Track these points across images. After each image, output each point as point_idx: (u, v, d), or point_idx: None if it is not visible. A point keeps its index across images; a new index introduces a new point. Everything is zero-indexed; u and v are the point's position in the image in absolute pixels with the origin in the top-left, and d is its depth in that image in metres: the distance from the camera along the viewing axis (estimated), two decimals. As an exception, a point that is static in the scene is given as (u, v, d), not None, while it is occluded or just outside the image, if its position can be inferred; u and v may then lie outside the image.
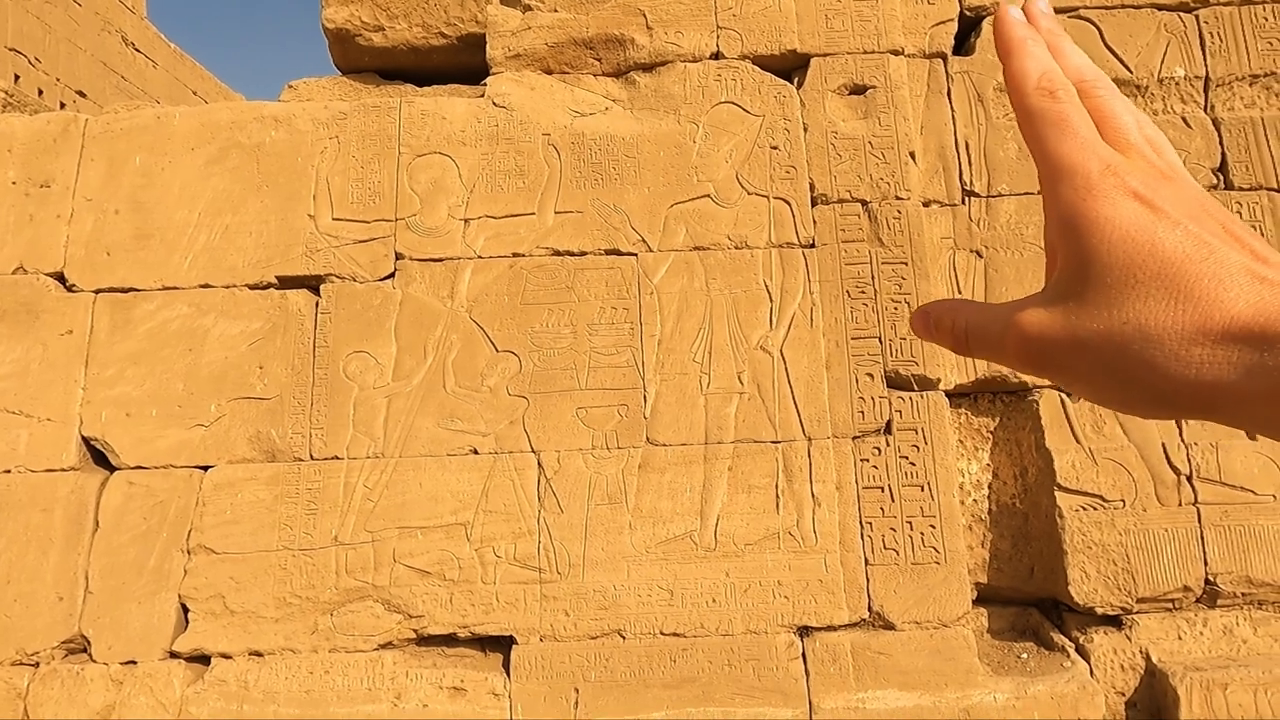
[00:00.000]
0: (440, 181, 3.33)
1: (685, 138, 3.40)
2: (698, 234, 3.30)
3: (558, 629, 2.94)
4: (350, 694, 2.87)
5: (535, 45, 3.59)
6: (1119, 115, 0.46)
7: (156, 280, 3.20)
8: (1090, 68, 0.49)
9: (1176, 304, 0.38)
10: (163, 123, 3.36)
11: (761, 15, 3.54)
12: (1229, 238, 0.39)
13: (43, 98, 11.28)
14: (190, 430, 3.09)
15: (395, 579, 2.97)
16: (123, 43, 14.24)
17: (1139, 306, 0.39)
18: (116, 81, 13.99)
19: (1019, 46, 0.48)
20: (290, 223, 3.27)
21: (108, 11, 13.73)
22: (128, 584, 2.96)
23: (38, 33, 11.52)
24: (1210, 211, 0.41)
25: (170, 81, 15.33)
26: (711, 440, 3.10)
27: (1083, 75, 0.48)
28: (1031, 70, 0.47)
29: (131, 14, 14.67)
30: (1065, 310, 0.42)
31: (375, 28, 4.41)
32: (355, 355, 3.15)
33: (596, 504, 3.02)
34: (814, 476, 3.07)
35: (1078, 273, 0.42)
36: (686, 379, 3.16)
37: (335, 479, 3.05)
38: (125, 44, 14.25)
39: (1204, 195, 0.42)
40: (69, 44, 12.77)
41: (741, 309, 3.23)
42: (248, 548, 2.99)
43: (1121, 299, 0.39)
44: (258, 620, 2.94)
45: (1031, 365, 0.45)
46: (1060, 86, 0.46)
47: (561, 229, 3.29)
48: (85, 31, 13.22)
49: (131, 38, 14.44)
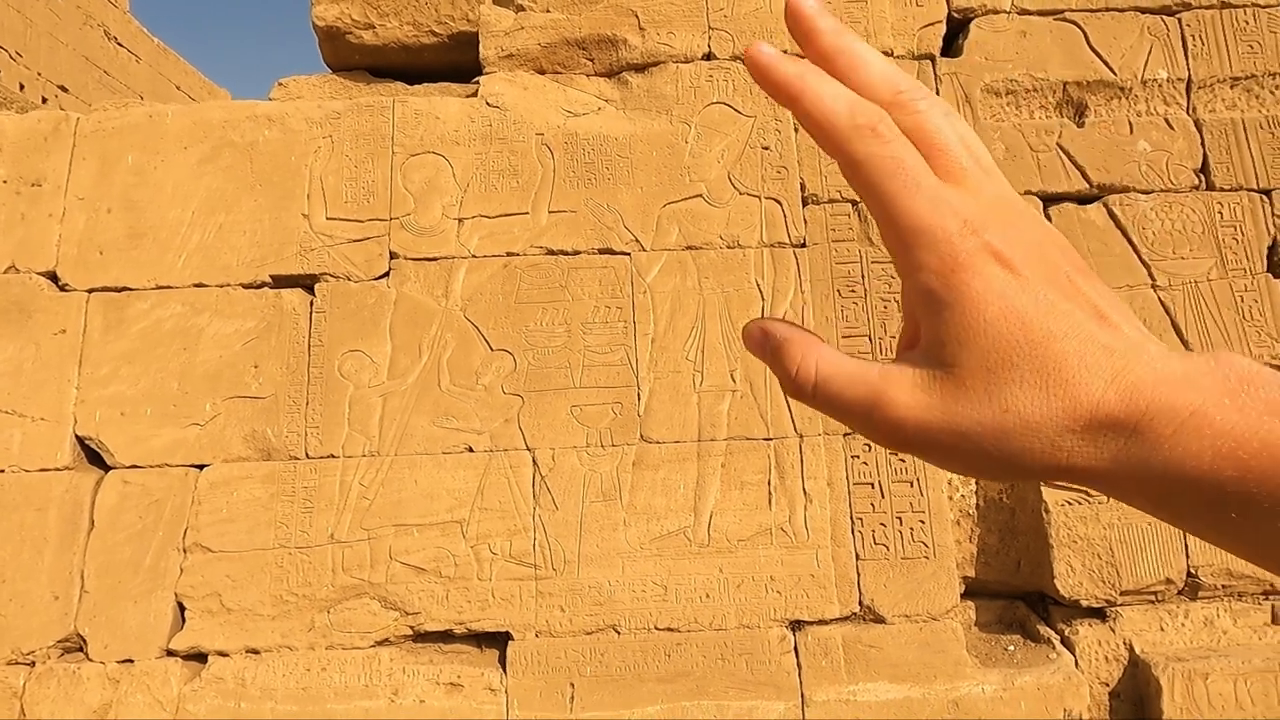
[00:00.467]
0: (434, 181, 3.34)
1: (678, 138, 3.43)
2: (690, 233, 3.33)
3: (553, 625, 2.98)
4: (347, 690, 2.89)
5: (528, 45, 3.60)
6: (941, 133, 0.42)
7: (150, 279, 3.20)
8: (895, 72, 0.44)
9: (1049, 392, 0.38)
10: (155, 121, 3.36)
11: (753, 16, 3.57)
12: (1076, 294, 0.40)
13: (24, 92, 11.16)
14: (185, 429, 3.09)
15: (391, 576, 3.00)
16: (105, 37, 14.07)
17: (1017, 394, 0.39)
18: (99, 76, 13.82)
19: (800, 85, 0.42)
20: (284, 222, 3.28)
21: (90, 6, 13.56)
22: (124, 583, 2.97)
23: (19, 26, 11.38)
24: (1052, 257, 0.41)
25: (154, 76, 15.17)
26: (705, 437, 3.14)
27: (893, 85, 0.43)
28: (838, 110, 0.42)
29: (114, 8, 14.49)
30: (943, 396, 0.40)
31: (366, 25, 4.40)
32: (350, 354, 3.16)
33: (591, 501, 3.06)
34: (805, 473, 3.12)
35: (951, 353, 0.40)
36: (680, 377, 3.19)
37: (331, 477, 3.06)
38: (108, 38, 14.08)
39: (1040, 226, 0.42)
40: (50, 38, 12.61)
41: (734, 307, 3.26)
42: (244, 546, 3.00)
43: (1001, 386, 0.39)
44: (254, 618, 2.96)
45: (903, 449, 0.42)
46: (879, 120, 0.41)
47: (555, 228, 3.31)
48: (67, 26, 13.05)
49: (114, 32, 14.27)
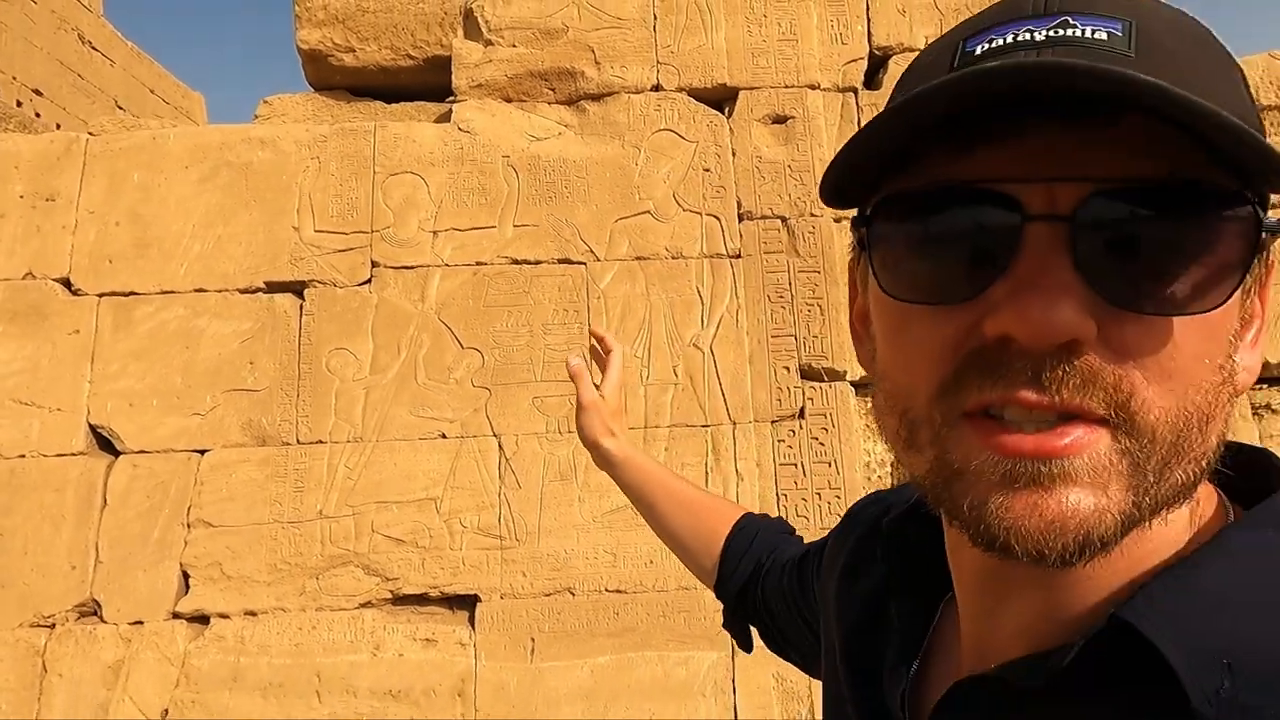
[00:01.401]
0: (411, 198, 3.76)
1: (629, 160, 3.87)
2: (639, 245, 3.78)
3: (516, 588, 3.40)
4: (335, 646, 3.30)
5: (496, 76, 4.03)
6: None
7: (156, 285, 3.58)
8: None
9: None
10: (158, 143, 3.74)
11: (696, 53, 4.03)
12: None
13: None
14: (188, 418, 3.48)
15: (374, 547, 3.40)
16: (79, 41, 14.18)
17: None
18: (73, 80, 13.93)
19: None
20: (276, 234, 3.67)
21: (64, 9, 13.67)
22: (134, 554, 3.35)
23: (-6, 32, 11.53)
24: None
25: (128, 80, 15.30)
26: (650, 425, 3.59)
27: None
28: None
29: (88, 12, 14.60)
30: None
31: (346, 49, 4.80)
32: (336, 352, 3.57)
33: (550, 480, 3.48)
34: (738, 455, 3.58)
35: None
36: (629, 371, 3.63)
37: (319, 460, 3.47)
38: (82, 42, 14.20)
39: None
40: (25, 42, 12.74)
41: (677, 311, 3.72)
42: (242, 521, 3.39)
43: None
44: (252, 584, 3.35)
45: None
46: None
47: (519, 240, 3.74)
48: (41, 29, 13.17)
49: (88, 36, 14.38)
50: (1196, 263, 0.41)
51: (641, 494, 1.18)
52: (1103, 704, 0.45)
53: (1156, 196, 0.41)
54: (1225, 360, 0.44)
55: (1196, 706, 0.41)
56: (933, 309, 0.45)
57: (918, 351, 0.46)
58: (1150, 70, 0.39)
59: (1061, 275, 0.41)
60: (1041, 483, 0.41)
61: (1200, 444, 0.43)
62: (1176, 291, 0.41)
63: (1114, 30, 0.43)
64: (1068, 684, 0.45)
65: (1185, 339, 0.42)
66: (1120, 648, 0.44)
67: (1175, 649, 0.42)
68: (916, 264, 0.46)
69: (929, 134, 0.44)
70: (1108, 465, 0.42)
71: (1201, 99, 0.38)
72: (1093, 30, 0.43)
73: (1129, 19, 0.43)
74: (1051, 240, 0.42)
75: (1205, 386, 0.43)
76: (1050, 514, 0.41)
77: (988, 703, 0.49)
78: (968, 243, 0.43)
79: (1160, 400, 0.42)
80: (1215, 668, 0.41)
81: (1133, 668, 0.43)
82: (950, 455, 0.44)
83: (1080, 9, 0.44)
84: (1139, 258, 0.41)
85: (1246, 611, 0.43)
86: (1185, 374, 0.42)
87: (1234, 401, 0.45)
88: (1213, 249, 0.41)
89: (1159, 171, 0.41)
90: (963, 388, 0.44)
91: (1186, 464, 0.43)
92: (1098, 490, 0.42)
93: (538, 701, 3.28)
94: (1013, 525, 0.42)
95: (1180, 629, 0.43)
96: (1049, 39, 0.43)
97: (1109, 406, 0.42)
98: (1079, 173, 0.41)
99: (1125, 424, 0.42)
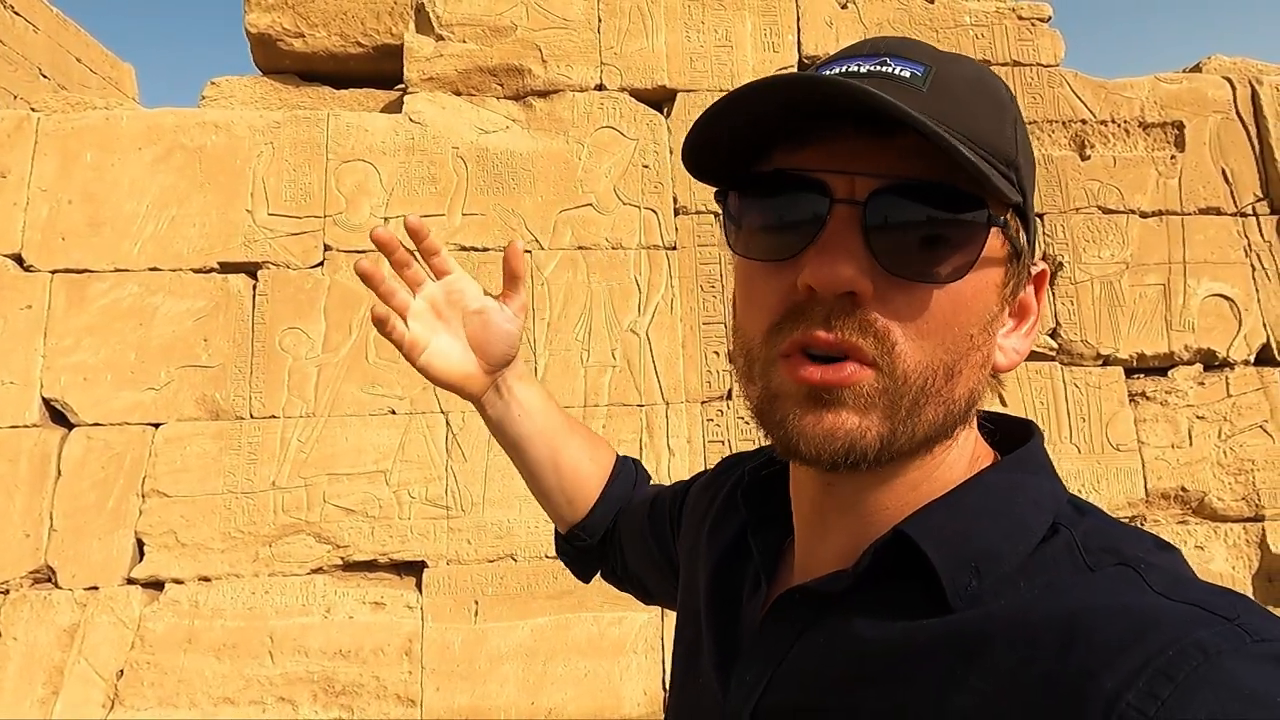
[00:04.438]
0: (363, 185, 3.93)
1: (572, 155, 4.11)
2: (581, 236, 4.02)
3: (461, 554, 3.64)
4: (287, 609, 3.48)
5: (446, 70, 4.21)
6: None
7: (109, 263, 3.68)
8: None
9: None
10: (111, 124, 3.82)
11: (638, 55, 4.28)
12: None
13: (-84, 60, 10.87)
14: (142, 393, 3.60)
15: (325, 516, 3.59)
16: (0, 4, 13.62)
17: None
18: (-6, 45, 13.38)
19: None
20: (230, 216, 3.80)
21: (-16, -29, 13.11)
22: (89, 523, 3.46)
23: (-89, -7, 11.04)
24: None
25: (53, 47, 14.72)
26: (589, 404, 3.85)
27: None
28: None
29: (10, -26, 14.01)
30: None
31: (296, 34, 4.89)
32: (289, 331, 3.73)
33: (494, 454, 3.72)
34: (670, 433, 3.87)
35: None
36: (570, 354, 3.89)
37: (273, 434, 3.63)
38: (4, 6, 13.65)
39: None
40: (-58, 4, 12.20)
41: (616, 298, 3.98)
42: (196, 491, 3.54)
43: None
44: (206, 551, 3.51)
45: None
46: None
47: (468, 228, 3.95)
48: (-41, -9, 12.60)
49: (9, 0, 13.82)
50: (942, 246, 0.53)
51: (519, 449, 1.08)
52: (888, 600, 0.56)
53: (920, 193, 0.53)
54: (979, 334, 0.56)
55: (951, 600, 0.52)
56: (765, 266, 0.58)
57: (757, 302, 0.58)
58: (934, 103, 0.52)
59: (851, 244, 0.53)
60: (825, 404, 0.54)
61: (946, 391, 0.55)
62: (926, 266, 0.53)
63: (917, 71, 0.55)
64: (865, 587, 0.57)
65: (938, 308, 0.54)
66: (902, 557, 0.55)
67: (937, 555, 0.53)
68: (759, 230, 0.58)
69: (777, 132, 0.56)
70: (871, 396, 0.54)
71: (949, 130, 0.50)
72: (902, 69, 0.55)
73: (932, 65, 0.55)
74: (849, 218, 0.53)
75: (952, 348, 0.55)
76: (826, 426, 0.54)
77: (806, 607, 0.60)
78: (793, 216, 0.56)
79: (914, 353, 0.54)
80: (966, 569, 0.53)
81: (910, 572, 0.55)
82: (771, 383, 0.57)
83: (899, 54, 0.56)
84: (905, 236, 0.53)
85: (990, 529, 0.55)
86: (936, 335, 0.54)
87: (986, 368, 0.58)
88: (953, 238, 0.53)
89: (925, 175, 0.52)
90: (782, 330, 0.56)
91: (935, 405, 0.55)
92: (861, 414, 0.54)
93: (481, 659, 3.52)
94: (801, 433, 0.55)
95: (941, 540, 0.54)
96: (870, 72, 0.55)
97: (877, 350, 0.53)
98: (873, 169, 0.53)
99: (887, 366, 0.54)
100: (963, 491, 0.57)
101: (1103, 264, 4.47)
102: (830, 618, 0.58)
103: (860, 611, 0.56)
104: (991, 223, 0.54)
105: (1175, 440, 4.33)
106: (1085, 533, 0.54)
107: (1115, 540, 0.53)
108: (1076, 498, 0.59)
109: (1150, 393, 4.43)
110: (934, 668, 0.50)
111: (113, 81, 15.64)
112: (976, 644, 0.49)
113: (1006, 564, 0.53)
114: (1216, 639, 0.42)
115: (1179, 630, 0.43)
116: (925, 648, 0.52)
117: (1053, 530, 0.55)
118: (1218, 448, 4.36)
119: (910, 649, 0.52)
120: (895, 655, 0.53)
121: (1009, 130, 0.56)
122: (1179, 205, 4.59)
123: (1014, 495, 0.57)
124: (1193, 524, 4.29)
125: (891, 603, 0.55)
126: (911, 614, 0.54)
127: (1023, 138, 0.57)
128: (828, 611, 0.58)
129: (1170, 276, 4.51)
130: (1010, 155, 0.55)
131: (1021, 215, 0.58)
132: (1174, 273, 4.51)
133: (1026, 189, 0.56)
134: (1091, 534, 0.54)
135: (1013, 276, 0.58)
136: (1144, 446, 4.28)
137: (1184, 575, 0.50)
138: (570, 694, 3.54)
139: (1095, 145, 4.64)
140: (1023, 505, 0.56)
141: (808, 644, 0.59)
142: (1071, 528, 0.54)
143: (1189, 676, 0.41)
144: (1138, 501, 4.21)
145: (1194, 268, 4.53)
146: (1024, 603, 0.50)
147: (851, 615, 0.56)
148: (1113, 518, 0.57)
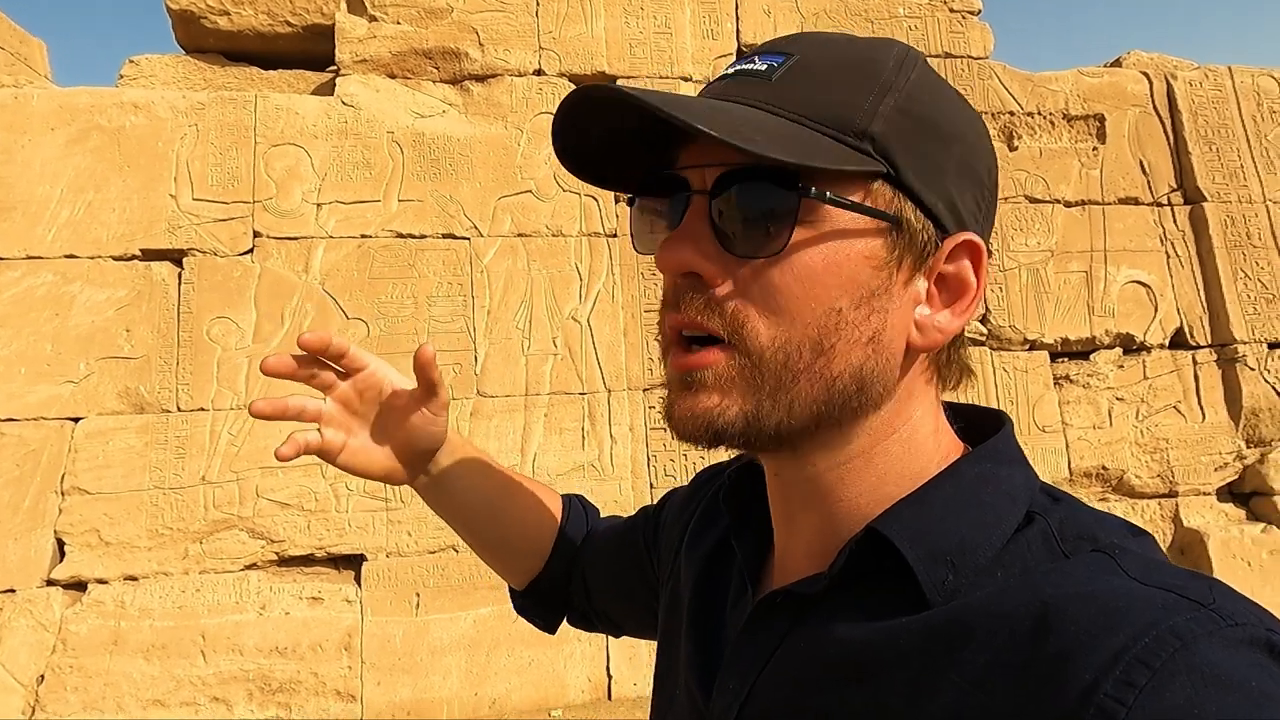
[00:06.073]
0: (294, 169, 3.81)
1: (511, 141, 4.06)
2: (521, 223, 3.98)
3: (402, 547, 3.58)
4: (220, 607, 3.38)
5: (380, 52, 4.10)
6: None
7: (21, 249, 3.50)
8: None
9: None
10: (20, 102, 3.62)
11: (577, 40, 4.24)
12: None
13: None
14: (60, 386, 3.44)
15: (259, 511, 3.49)
16: (-106, -27, 12.72)
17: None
18: (-112, 16, 12.53)
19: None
20: (152, 201, 3.65)
21: (-125, -64, 12.24)
22: (3, 523, 3.30)
23: None
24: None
25: (-46, 20, 13.82)
26: (531, 392, 3.82)
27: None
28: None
29: (-95, -59, 13.11)
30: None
31: (221, 12, 4.71)
32: (218, 320, 3.60)
33: (435, 445, 3.66)
34: (612, 420, 3.87)
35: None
36: (511, 342, 3.85)
37: (201, 428, 3.51)
38: (-102, -25, 12.75)
39: None
40: None
41: (557, 286, 3.95)
42: (120, 488, 3.40)
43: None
44: (132, 550, 3.38)
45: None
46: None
47: (404, 215, 3.87)
48: None
49: (-95, -32, 12.92)
50: (766, 221, 0.55)
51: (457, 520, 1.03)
52: (866, 599, 0.55)
53: (741, 176, 0.55)
54: (850, 309, 0.55)
55: (928, 595, 0.52)
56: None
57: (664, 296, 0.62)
58: (774, 91, 0.55)
59: (698, 229, 0.56)
60: (689, 387, 0.56)
61: (820, 367, 0.55)
62: (757, 243, 0.55)
63: (775, 63, 0.56)
64: (842, 588, 0.56)
65: (784, 284, 0.54)
66: (877, 555, 0.55)
67: (912, 551, 0.53)
68: (646, 225, 0.63)
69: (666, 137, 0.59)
70: (729, 375, 0.55)
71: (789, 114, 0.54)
72: (762, 64, 0.57)
73: (794, 54, 0.56)
74: (701, 207, 0.56)
75: (814, 323, 0.55)
76: (688, 407, 0.56)
77: (787, 610, 0.60)
78: (670, 210, 0.59)
79: (768, 329, 0.54)
80: (942, 564, 0.53)
81: (887, 569, 0.54)
82: (666, 369, 0.60)
83: (767, 50, 0.58)
84: (737, 216, 0.55)
85: (964, 521, 0.55)
86: (789, 311, 0.54)
87: (882, 344, 0.56)
88: (774, 211, 0.54)
89: (748, 160, 0.54)
90: (663, 320, 0.60)
91: (808, 382, 0.55)
92: (720, 394, 0.56)
93: (423, 651, 3.48)
94: (674, 416, 0.57)
95: (916, 536, 0.54)
96: (737, 71, 0.58)
97: (726, 330, 0.55)
98: (717, 161, 0.56)
99: (741, 345, 0.55)
100: (934, 485, 0.57)
101: (1029, 252, 4.62)
102: (811, 620, 0.58)
103: (840, 612, 0.56)
104: (806, 195, 0.53)
105: (1096, 421, 4.52)
106: (1060, 520, 0.54)
107: (1089, 527, 0.54)
108: (1049, 485, 0.60)
109: (1074, 376, 4.61)
110: (916, 664, 0.51)
111: (21, 58, 14.80)
112: (956, 637, 0.50)
113: (982, 555, 0.53)
114: (1191, 625, 0.43)
115: (1154, 615, 0.44)
116: (906, 645, 0.52)
117: (1027, 519, 0.55)
118: (1135, 428, 4.56)
119: (891, 647, 0.53)
120: (877, 654, 0.53)
121: (866, 101, 0.55)
122: (1100, 195, 4.77)
123: (986, 486, 0.57)
124: (1112, 501, 4.49)
125: (870, 602, 0.55)
126: (891, 612, 0.54)
127: (894, 109, 0.56)
128: (808, 614, 0.58)
129: (1092, 264, 4.69)
130: (862, 126, 0.54)
131: (902, 186, 0.56)
132: (1095, 260, 4.70)
133: (897, 159, 0.55)
134: (1067, 521, 0.54)
135: (898, 248, 0.56)
136: (1068, 428, 4.46)
137: (1157, 560, 0.51)
138: (514, 683, 3.53)
139: (1023, 136, 4.79)
140: (996, 496, 0.56)
141: (790, 648, 0.59)
142: (1046, 516, 0.55)
143: (1165, 664, 0.41)
144: (1062, 481, 4.38)
145: (1114, 255, 4.72)
146: (1000, 592, 0.51)
147: (832, 616, 0.56)
148: (1086, 504, 0.58)
